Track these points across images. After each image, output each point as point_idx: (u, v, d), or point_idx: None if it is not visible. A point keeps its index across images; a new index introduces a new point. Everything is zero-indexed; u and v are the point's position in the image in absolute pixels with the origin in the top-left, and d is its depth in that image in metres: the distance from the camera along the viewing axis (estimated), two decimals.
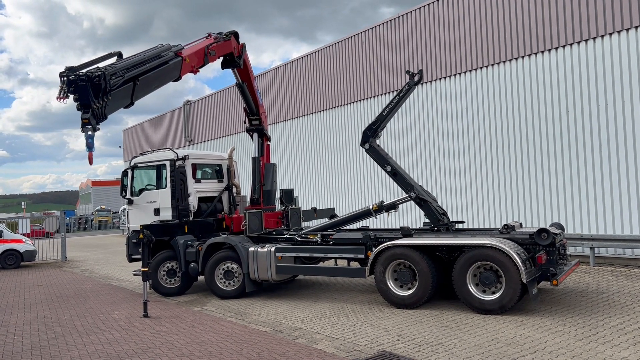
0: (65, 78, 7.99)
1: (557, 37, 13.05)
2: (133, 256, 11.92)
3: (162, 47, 10.04)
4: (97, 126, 8.23)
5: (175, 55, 9.99)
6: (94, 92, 7.98)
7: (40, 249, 20.36)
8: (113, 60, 9.07)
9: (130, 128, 38.78)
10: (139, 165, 12.18)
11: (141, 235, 9.76)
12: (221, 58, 11.56)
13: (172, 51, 10.04)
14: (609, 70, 12.20)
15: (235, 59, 11.71)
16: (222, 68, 11.91)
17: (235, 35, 11.73)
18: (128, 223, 12.45)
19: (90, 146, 8.39)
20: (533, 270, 8.00)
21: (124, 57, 9.33)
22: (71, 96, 8.05)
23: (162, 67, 9.60)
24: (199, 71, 10.65)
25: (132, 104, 8.98)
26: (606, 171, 12.26)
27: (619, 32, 12.00)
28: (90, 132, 8.23)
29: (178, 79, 10.17)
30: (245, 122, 12.62)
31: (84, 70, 8.24)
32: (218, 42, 11.12)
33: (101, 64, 8.65)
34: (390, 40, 17.48)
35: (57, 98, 7.97)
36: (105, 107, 8.27)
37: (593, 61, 12.48)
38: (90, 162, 8.56)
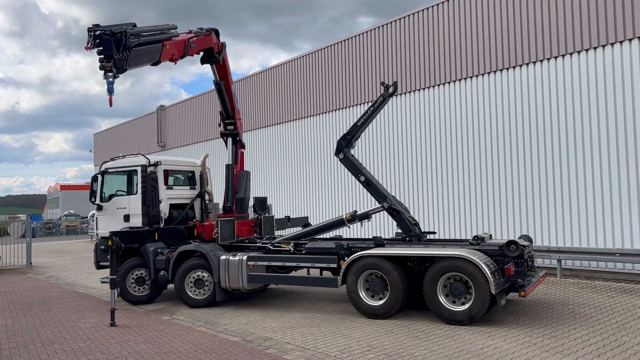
0: (92, 32, 9.17)
1: (528, 53, 13.38)
2: (101, 263, 11.67)
3: (170, 25, 10.88)
4: (117, 74, 9.36)
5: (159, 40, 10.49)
6: (115, 46, 9.19)
7: (4, 254, 19.74)
8: None
9: (102, 132, 38.10)
10: (110, 170, 11.98)
11: (110, 242, 9.56)
12: (201, 53, 11.72)
13: (176, 32, 10.90)
14: (577, 87, 12.55)
15: (214, 55, 11.84)
16: (202, 63, 12.04)
17: (216, 32, 11.89)
18: (97, 229, 12.19)
19: (110, 91, 9.38)
20: (502, 282, 8.12)
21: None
22: (96, 49, 9.21)
23: (152, 44, 10.20)
24: (178, 60, 10.87)
25: (124, 70, 9.55)
26: (573, 186, 12.58)
27: (594, 48, 12.38)
28: (111, 79, 9.25)
29: (157, 62, 10.47)
30: (220, 126, 12.56)
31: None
32: (198, 36, 11.33)
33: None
34: (366, 51, 17.65)
35: (85, 47, 9.24)
36: (126, 60, 9.41)
37: (562, 77, 12.82)
38: (110, 105, 9.50)
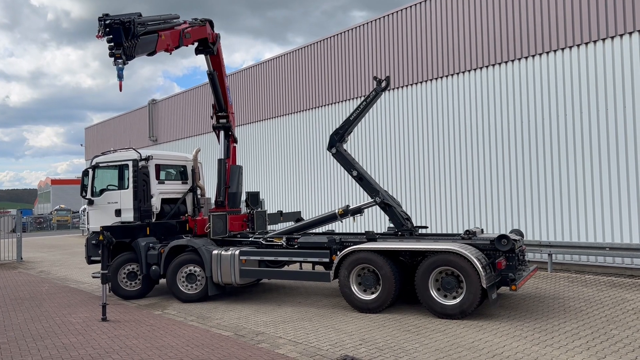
0: (103, 21, 9.60)
1: (520, 48, 13.41)
2: (92, 258, 11.61)
3: (173, 15, 11.22)
4: (126, 61, 9.74)
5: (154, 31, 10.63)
6: (124, 34, 9.58)
7: None
8: None
9: (93, 126, 37.83)
10: (101, 164, 11.91)
11: (101, 237, 9.52)
12: (196, 44, 11.81)
13: (179, 21, 11.24)
14: (568, 82, 12.60)
15: (209, 45, 11.95)
16: (196, 54, 12.13)
17: (211, 23, 11.95)
18: (88, 224, 12.12)
19: (120, 77, 9.82)
20: (493, 276, 8.17)
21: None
22: (106, 37, 9.64)
23: (153, 34, 10.43)
24: (173, 50, 10.98)
25: (132, 57, 9.94)
26: (564, 180, 12.65)
27: (585, 43, 12.43)
28: (121, 65, 9.66)
29: (153, 53, 10.57)
30: (212, 119, 12.52)
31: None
32: (193, 26, 11.42)
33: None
34: (359, 46, 17.62)
35: (96, 36, 9.66)
36: (134, 48, 9.78)
37: (554, 72, 12.87)
38: (120, 89, 9.99)
